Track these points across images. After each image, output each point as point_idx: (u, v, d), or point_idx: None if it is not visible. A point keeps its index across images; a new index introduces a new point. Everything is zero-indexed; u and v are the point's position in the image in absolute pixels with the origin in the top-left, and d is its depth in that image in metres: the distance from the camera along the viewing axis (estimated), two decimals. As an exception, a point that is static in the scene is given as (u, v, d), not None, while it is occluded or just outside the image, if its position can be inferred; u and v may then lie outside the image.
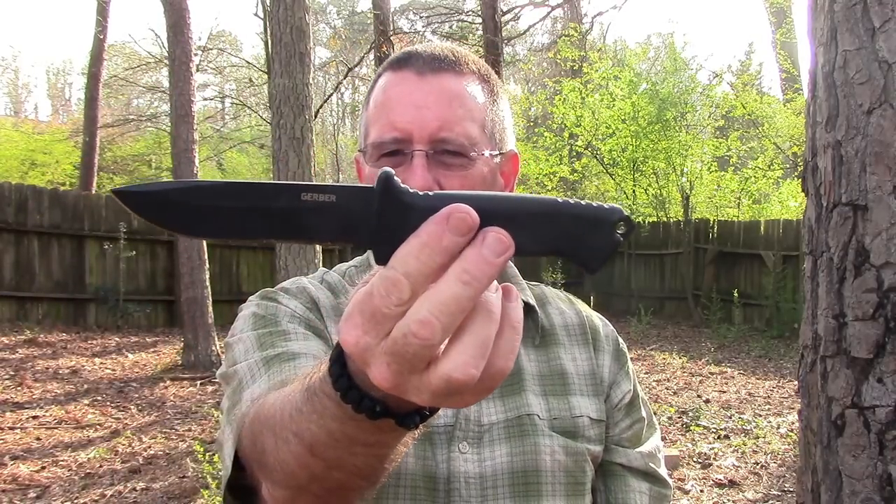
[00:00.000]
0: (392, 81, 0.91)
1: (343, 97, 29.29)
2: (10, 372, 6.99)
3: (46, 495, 4.08)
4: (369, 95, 0.95)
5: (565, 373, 0.97)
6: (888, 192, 1.30)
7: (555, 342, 1.00)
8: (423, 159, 0.86)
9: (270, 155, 7.32)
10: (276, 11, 6.22)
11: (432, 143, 0.86)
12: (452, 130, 0.87)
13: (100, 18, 14.24)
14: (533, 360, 0.97)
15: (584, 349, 1.01)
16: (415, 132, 0.86)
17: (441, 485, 0.86)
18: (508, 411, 0.91)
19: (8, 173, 14.88)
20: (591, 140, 13.78)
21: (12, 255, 9.24)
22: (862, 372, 1.34)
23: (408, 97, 0.88)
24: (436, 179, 0.86)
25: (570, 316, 1.03)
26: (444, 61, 0.90)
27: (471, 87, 0.91)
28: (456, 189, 0.86)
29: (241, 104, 18.98)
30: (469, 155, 0.88)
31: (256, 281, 11.50)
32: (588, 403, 0.96)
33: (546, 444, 0.89)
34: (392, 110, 0.88)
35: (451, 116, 0.87)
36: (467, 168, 0.88)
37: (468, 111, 0.89)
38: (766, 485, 4.39)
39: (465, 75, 0.91)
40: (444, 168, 0.87)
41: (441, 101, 0.87)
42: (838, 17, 1.39)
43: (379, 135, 0.89)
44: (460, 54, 0.93)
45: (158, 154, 18.69)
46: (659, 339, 10.47)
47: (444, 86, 0.88)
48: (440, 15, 16.26)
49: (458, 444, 0.87)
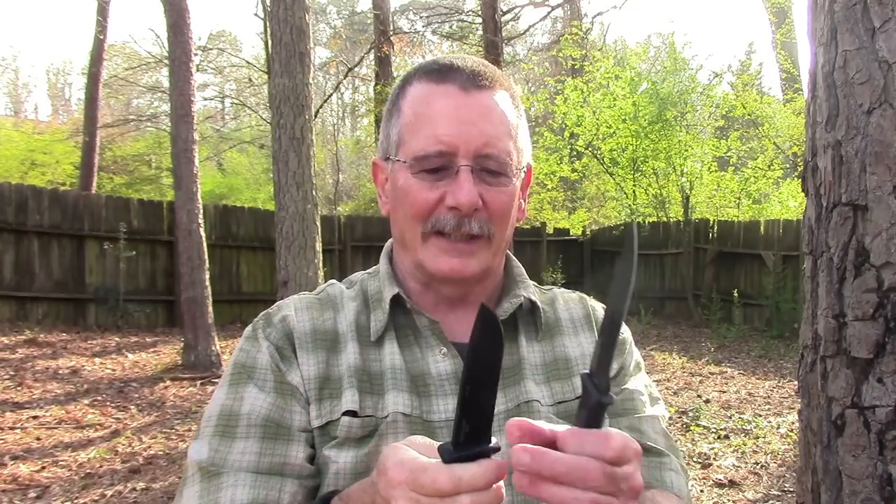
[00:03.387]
0: (436, 94, 0.93)
1: (343, 97, 29.30)
2: (10, 372, 6.99)
3: (46, 495, 4.08)
4: (399, 101, 0.97)
5: (568, 358, 1.00)
6: (888, 192, 1.30)
7: (559, 332, 1.02)
8: (469, 174, 0.89)
9: (270, 155, 7.32)
10: (276, 11, 6.22)
11: (476, 159, 0.90)
12: (496, 147, 0.91)
13: (100, 18, 14.24)
14: (536, 351, 0.99)
15: (589, 334, 1.03)
16: (461, 147, 0.90)
17: None
18: (509, 401, 0.93)
19: (8, 173, 14.87)
20: (592, 140, 13.78)
21: (12, 255, 9.24)
22: (862, 372, 1.34)
23: (454, 112, 0.91)
24: (479, 194, 0.90)
25: (577, 309, 1.06)
26: (483, 77, 0.94)
27: (505, 104, 0.95)
28: (498, 204, 0.92)
29: (241, 104, 19.00)
30: (508, 172, 0.92)
31: (256, 281, 11.51)
32: None
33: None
34: (437, 124, 0.91)
35: (493, 132, 0.91)
36: (507, 185, 0.93)
37: (507, 128, 0.93)
38: (766, 485, 4.39)
39: (499, 91, 0.95)
40: (486, 184, 0.91)
41: (485, 117, 0.91)
42: (838, 17, 1.39)
43: (423, 147, 0.91)
44: (491, 70, 0.97)
45: (158, 154, 18.69)
46: (659, 339, 10.48)
47: (487, 102, 0.92)
48: (440, 15, 16.26)
49: None
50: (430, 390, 0.92)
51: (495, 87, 0.94)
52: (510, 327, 0.99)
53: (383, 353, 0.94)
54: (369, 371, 0.93)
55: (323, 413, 0.90)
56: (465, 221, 0.90)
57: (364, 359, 0.93)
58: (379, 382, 0.92)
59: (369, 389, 0.91)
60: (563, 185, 17.81)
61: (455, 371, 0.93)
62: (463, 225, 0.90)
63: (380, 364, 0.93)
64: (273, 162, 6.36)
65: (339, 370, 0.92)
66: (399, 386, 0.91)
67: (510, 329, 0.99)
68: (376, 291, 0.99)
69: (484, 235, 0.92)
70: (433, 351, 0.94)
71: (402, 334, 0.96)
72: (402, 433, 0.87)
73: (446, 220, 0.90)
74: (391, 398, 0.90)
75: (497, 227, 0.93)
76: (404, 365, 0.93)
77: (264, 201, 17.02)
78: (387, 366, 0.93)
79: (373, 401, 0.90)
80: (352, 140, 24.36)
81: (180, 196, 7.94)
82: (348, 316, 0.97)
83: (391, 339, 0.95)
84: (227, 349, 8.41)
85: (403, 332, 0.96)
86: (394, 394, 0.91)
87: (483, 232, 0.91)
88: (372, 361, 0.94)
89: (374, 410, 0.90)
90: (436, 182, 0.90)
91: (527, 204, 1.04)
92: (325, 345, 0.94)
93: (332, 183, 19.94)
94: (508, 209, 0.93)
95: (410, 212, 0.93)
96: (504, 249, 0.99)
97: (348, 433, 0.88)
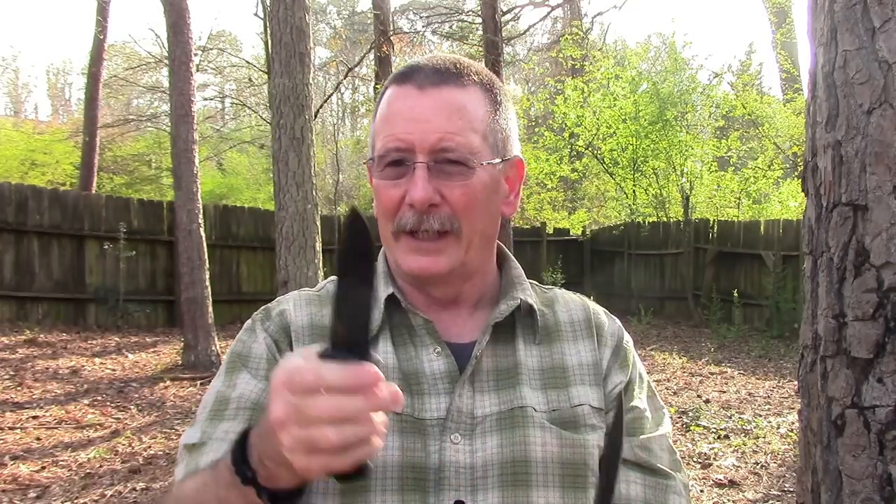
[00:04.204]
0: (395, 95, 0.95)
1: (343, 97, 29.29)
2: (10, 372, 6.99)
3: (46, 495, 4.08)
4: (377, 106, 0.99)
5: (566, 366, 0.99)
6: (888, 192, 1.30)
7: (559, 338, 1.01)
8: (424, 171, 0.90)
9: (270, 155, 7.32)
10: (276, 11, 6.22)
11: (433, 154, 0.91)
12: (452, 141, 0.91)
13: (100, 18, 14.24)
14: (534, 356, 0.98)
15: (589, 341, 1.02)
16: (416, 144, 0.90)
17: (431, 474, 0.88)
18: (502, 404, 0.93)
19: (8, 173, 14.86)
20: (592, 140, 13.78)
21: (12, 255, 9.24)
22: (862, 372, 1.34)
23: (409, 111, 0.92)
24: (437, 189, 0.91)
25: (577, 312, 1.05)
26: (445, 74, 0.94)
27: (472, 98, 0.94)
28: (458, 197, 0.91)
29: (241, 104, 18.99)
30: (469, 164, 0.91)
31: (256, 281, 11.51)
32: (589, 392, 0.97)
33: (537, 435, 0.91)
34: (395, 124, 0.93)
35: (450, 128, 0.91)
36: (468, 177, 0.92)
37: (468, 122, 0.93)
38: (766, 485, 4.39)
39: (467, 87, 0.95)
40: (445, 178, 0.91)
41: (441, 113, 0.91)
42: (838, 17, 1.39)
43: (383, 146, 0.93)
44: (463, 66, 0.97)
45: (158, 154, 18.69)
46: (659, 339, 10.48)
47: (445, 98, 0.92)
48: (440, 15, 16.25)
49: (451, 435, 0.90)
50: (424, 388, 0.92)
51: (461, 82, 0.94)
52: (507, 330, 0.99)
53: (376, 352, 0.94)
54: None
55: None
56: (425, 218, 0.91)
57: None
58: None
59: None
60: (563, 185, 17.81)
61: (449, 370, 0.93)
62: (423, 222, 0.91)
63: None
64: (273, 162, 6.36)
65: None
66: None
67: (507, 331, 0.99)
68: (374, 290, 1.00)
69: (450, 231, 0.92)
70: (427, 350, 0.95)
71: (396, 333, 0.96)
72: (394, 431, 0.87)
73: (407, 218, 0.92)
74: None
75: (463, 221, 0.92)
76: (397, 364, 0.93)
77: (264, 201, 17.02)
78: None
79: None
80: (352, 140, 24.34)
81: (180, 196, 7.94)
82: None
83: (385, 338, 0.95)
84: (226, 349, 8.41)
85: (399, 330, 0.97)
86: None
87: (447, 227, 0.91)
88: None
89: None
90: (398, 180, 0.92)
91: (518, 199, 1.03)
92: (322, 339, 0.94)
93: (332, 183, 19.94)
94: (472, 202, 0.92)
95: (380, 211, 0.95)
96: (482, 244, 0.98)
97: None
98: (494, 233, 1.01)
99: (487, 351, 0.96)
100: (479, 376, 0.94)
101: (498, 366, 0.96)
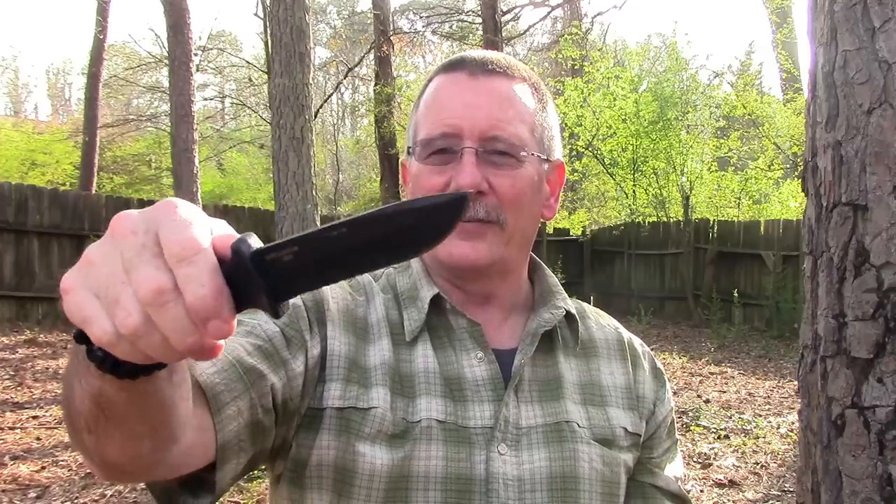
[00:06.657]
0: (444, 82, 0.93)
1: (343, 97, 29.31)
2: (10, 372, 6.99)
3: (46, 495, 4.08)
4: (419, 99, 0.96)
5: (602, 384, 0.97)
6: (888, 192, 1.30)
7: (595, 354, 1.00)
8: (472, 156, 0.86)
9: (270, 155, 7.32)
10: (276, 11, 6.22)
11: (482, 142, 0.87)
12: (504, 130, 0.88)
13: (100, 18, 14.24)
14: (574, 369, 0.96)
15: (622, 364, 1.00)
16: (465, 129, 0.87)
17: (478, 486, 0.85)
18: (547, 416, 0.91)
19: (8, 173, 14.87)
20: (592, 140, 13.78)
21: (12, 255, 9.24)
22: (862, 372, 1.34)
23: (459, 96, 0.89)
24: (485, 177, 0.87)
25: (610, 332, 1.04)
26: (495, 64, 0.92)
27: (521, 91, 0.92)
28: (506, 188, 0.88)
29: (241, 104, 18.99)
30: (518, 155, 0.89)
31: (256, 281, 11.49)
32: (623, 415, 0.96)
33: (584, 450, 0.90)
34: (443, 108, 0.90)
35: (501, 116, 0.89)
36: (516, 168, 0.89)
37: (518, 113, 0.90)
38: (766, 485, 4.39)
39: (516, 80, 0.93)
40: (493, 167, 0.88)
41: (492, 100, 0.89)
42: (838, 17, 1.39)
43: (428, 132, 0.90)
44: (511, 61, 0.95)
45: (158, 154, 18.69)
46: (659, 339, 10.47)
47: (496, 87, 0.90)
48: (440, 15, 16.25)
49: (497, 446, 0.86)
50: (466, 395, 0.89)
51: (511, 75, 0.92)
52: (546, 339, 0.95)
53: (415, 355, 0.90)
54: (400, 372, 0.89)
55: (348, 396, 0.85)
56: (470, 205, 0.85)
57: (396, 358, 0.89)
58: (410, 385, 0.88)
59: (400, 391, 0.87)
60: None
61: (492, 377, 0.90)
62: (468, 209, 0.88)
63: (410, 366, 0.89)
64: (273, 162, 6.36)
65: (368, 361, 0.88)
66: (432, 391, 0.88)
67: (547, 341, 0.96)
68: (409, 288, 0.95)
69: (494, 221, 0.88)
70: (468, 354, 0.91)
71: (434, 335, 0.92)
72: (437, 440, 0.84)
73: None
74: (423, 403, 0.87)
75: (509, 213, 0.89)
76: (438, 368, 0.89)
77: (264, 201, 17.02)
78: (419, 368, 0.89)
79: (403, 403, 0.87)
80: (352, 140, 24.36)
81: (180, 196, 7.92)
82: (378, 308, 0.93)
83: (424, 340, 0.91)
84: (227, 349, 8.41)
85: (437, 333, 0.92)
86: (426, 399, 0.87)
87: (492, 217, 0.88)
88: (403, 362, 0.90)
89: (404, 413, 0.86)
90: (443, 166, 0.88)
91: (557, 203, 0.99)
92: (354, 330, 0.90)
93: (332, 183, 19.97)
94: (520, 195, 0.89)
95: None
96: (522, 243, 0.94)
97: (381, 426, 0.84)
98: (533, 235, 0.97)
99: (528, 359, 0.92)
100: (521, 386, 0.91)
101: (539, 376, 0.93)
